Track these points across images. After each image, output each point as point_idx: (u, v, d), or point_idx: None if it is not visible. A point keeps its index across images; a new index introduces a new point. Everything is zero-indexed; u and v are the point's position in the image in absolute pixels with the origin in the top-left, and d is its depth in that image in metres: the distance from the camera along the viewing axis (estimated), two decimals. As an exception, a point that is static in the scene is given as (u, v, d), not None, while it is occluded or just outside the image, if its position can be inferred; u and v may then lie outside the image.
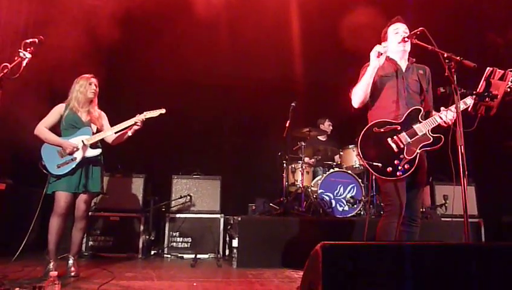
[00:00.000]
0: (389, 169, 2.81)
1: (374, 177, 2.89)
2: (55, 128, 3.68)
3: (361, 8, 5.70)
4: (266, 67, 6.51)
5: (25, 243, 3.41)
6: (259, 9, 5.82)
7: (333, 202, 5.29)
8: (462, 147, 2.43)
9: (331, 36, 6.12)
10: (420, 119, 2.91)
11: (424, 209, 5.24)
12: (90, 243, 5.06)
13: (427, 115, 2.96)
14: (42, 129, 3.61)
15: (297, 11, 5.97)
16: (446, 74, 2.58)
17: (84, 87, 3.73)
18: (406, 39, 2.97)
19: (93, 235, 5.08)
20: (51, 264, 3.43)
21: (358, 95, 3.02)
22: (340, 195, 5.33)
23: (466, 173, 2.39)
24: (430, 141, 2.87)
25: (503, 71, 2.75)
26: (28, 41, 2.80)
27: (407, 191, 2.87)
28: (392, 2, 5.39)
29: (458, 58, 2.56)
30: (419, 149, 2.86)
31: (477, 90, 2.74)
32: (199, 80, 6.71)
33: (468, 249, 1.87)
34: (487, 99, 2.69)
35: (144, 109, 3.76)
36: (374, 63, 2.91)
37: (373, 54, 2.90)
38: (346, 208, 5.26)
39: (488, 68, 2.77)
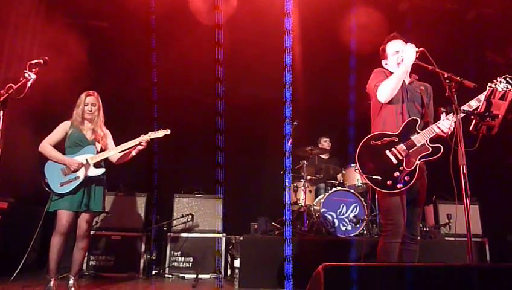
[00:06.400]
0: (389, 182, 2.79)
1: (376, 196, 2.87)
2: (59, 146, 3.68)
3: (362, 28, 5.77)
4: (268, 86, 6.54)
5: (25, 262, 3.39)
6: (261, 29, 5.90)
7: (336, 221, 5.23)
8: (464, 166, 2.43)
9: (332, 53, 6.20)
10: (418, 129, 2.90)
11: (427, 229, 5.19)
12: (91, 262, 5.02)
13: (425, 126, 2.95)
14: (46, 146, 3.61)
15: (298, 30, 6.05)
16: (447, 94, 2.60)
17: (81, 108, 3.75)
18: (407, 59, 2.98)
19: (94, 254, 5.05)
20: (51, 283, 3.41)
21: (389, 90, 2.91)
22: (343, 214, 5.28)
23: (469, 192, 2.38)
24: (429, 151, 2.85)
25: (503, 91, 2.76)
26: (33, 62, 2.82)
27: (408, 210, 2.85)
28: (392, 23, 5.47)
29: (458, 78, 2.59)
30: (419, 160, 2.84)
31: (478, 110, 2.74)
32: (201, 98, 6.75)
33: (471, 270, 1.85)
34: (488, 119, 2.69)
35: (147, 129, 3.77)
36: (413, 58, 2.84)
37: (412, 50, 2.84)
38: (349, 227, 5.21)
39: (488, 88, 2.78)
